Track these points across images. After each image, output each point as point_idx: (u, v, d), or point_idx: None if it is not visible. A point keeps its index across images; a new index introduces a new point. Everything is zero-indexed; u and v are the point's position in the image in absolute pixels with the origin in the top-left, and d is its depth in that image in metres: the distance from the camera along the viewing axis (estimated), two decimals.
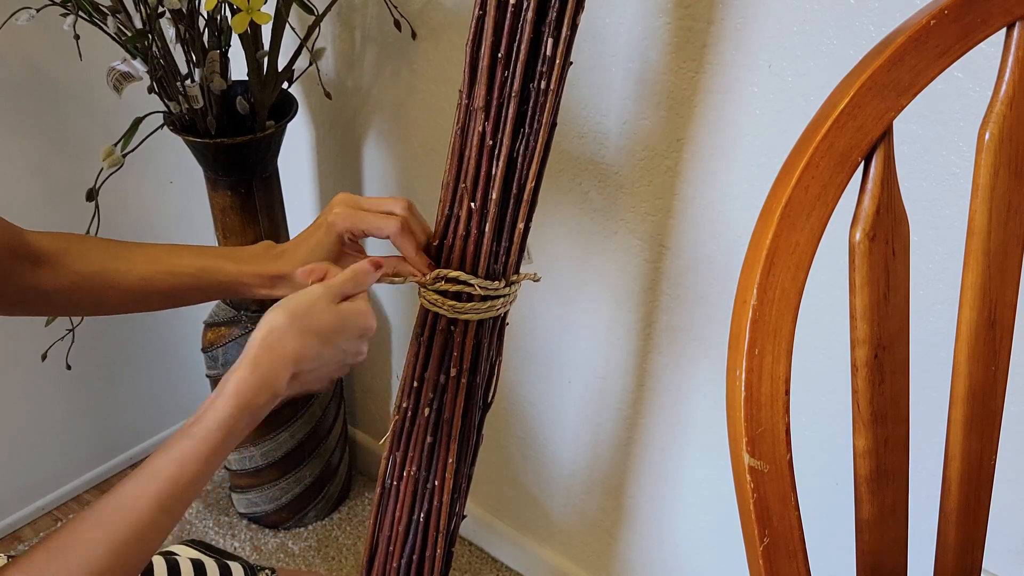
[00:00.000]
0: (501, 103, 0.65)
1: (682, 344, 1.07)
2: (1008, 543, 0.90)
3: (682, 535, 1.21)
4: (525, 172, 0.67)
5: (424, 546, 0.77)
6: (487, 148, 0.66)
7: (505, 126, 0.65)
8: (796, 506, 0.50)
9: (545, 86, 0.64)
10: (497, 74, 0.64)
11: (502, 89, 0.65)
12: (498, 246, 0.69)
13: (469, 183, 0.67)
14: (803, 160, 0.47)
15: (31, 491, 1.51)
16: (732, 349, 0.48)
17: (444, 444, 0.75)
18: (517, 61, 0.63)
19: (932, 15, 0.47)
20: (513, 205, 0.69)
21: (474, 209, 0.68)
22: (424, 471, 0.76)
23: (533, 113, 0.65)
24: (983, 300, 0.55)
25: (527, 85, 0.65)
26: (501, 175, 0.66)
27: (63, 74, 1.28)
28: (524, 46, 0.63)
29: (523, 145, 0.66)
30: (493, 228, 0.68)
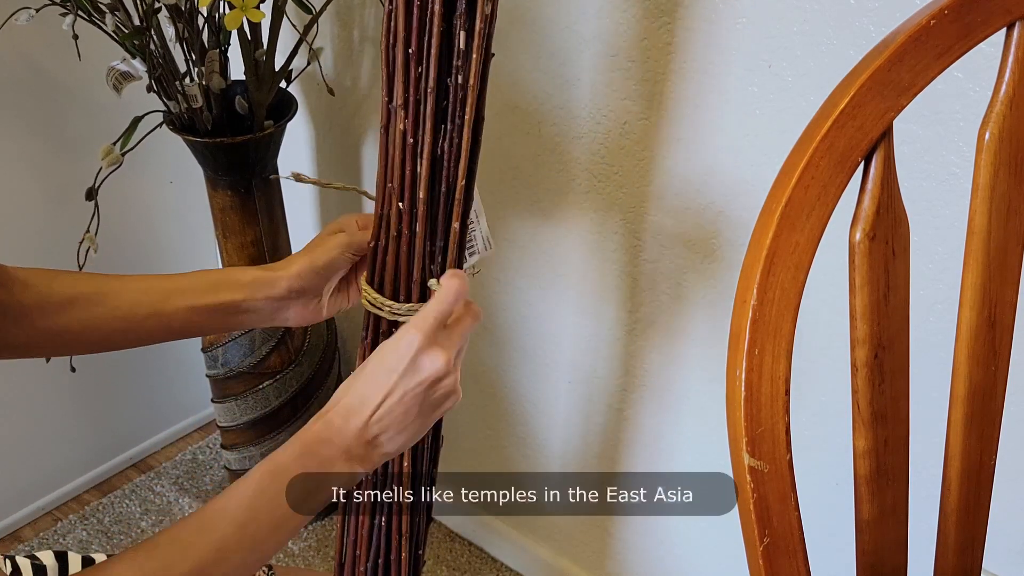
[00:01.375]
0: (418, 100, 0.63)
1: (682, 344, 1.07)
2: (1008, 543, 0.90)
3: (681, 534, 1.21)
4: (453, 170, 0.66)
5: (388, 550, 0.77)
6: (409, 146, 0.65)
7: (425, 123, 0.64)
8: (796, 506, 0.50)
9: (463, 80, 0.63)
10: (411, 70, 0.63)
11: (418, 85, 0.63)
12: (432, 246, 0.68)
13: (395, 183, 0.66)
14: (803, 160, 0.47)
15: (31, 491, 1.51)
16: (732, 349, 0.48)
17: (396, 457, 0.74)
18: (429, 56, 0.62)
19: (932, 15, 0.47)
20: (444, 204, 0.67)
21: (402, 209, 0.67)
22: (380, 476, 0.75)
23: (454, 109, 0.64)
24: (983, 300, 0.55)
25: (443, 80, 0.63)
26: (426, 173, 0.65)
27: (63, 74, 1.28)
28: (435, 40, 0.61)
29: (447, 142, 0.65)
30: (424, 228, 0.67)
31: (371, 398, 0.61)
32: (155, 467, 1.63)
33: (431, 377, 0.63)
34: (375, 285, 0.71)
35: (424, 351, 0.62)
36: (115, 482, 1.60)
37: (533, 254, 1.16)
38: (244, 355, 1.31)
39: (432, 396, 0.64)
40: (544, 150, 1.07)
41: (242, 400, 1.34)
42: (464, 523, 1.47)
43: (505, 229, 1.17)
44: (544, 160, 1.08)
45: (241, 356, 1.31)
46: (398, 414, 0.62)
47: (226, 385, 1.34)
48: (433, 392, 0.64)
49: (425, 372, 0.62)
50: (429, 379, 0.63)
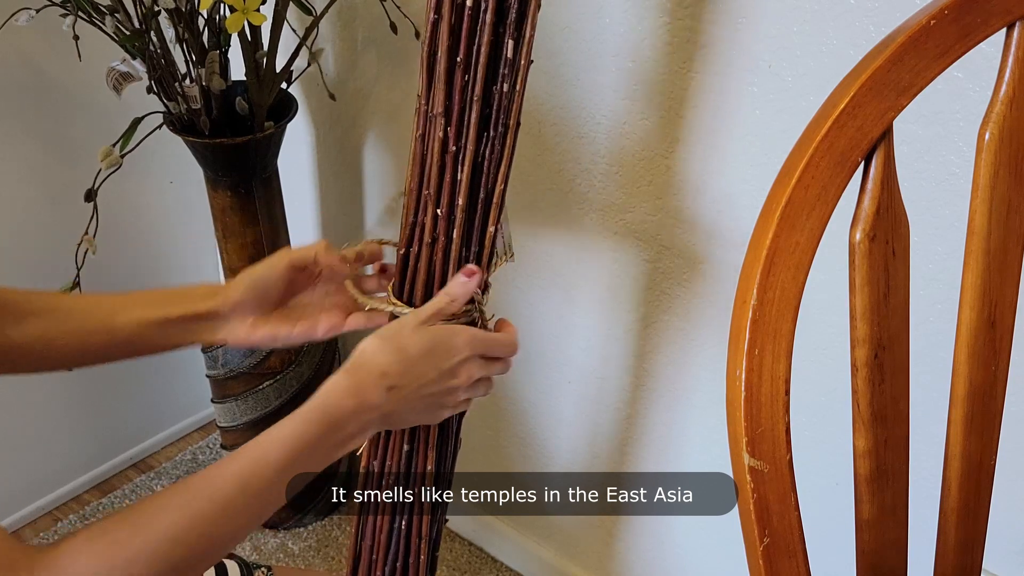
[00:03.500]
0: (463, 108, 0.64)
1: (682, 344, 1.07)
2: (1008, 543, 0.90)
3: (681, 535, 1.21)
4: (493, 176, 0.66)
5: (408, 553, 0.77)
6: (449, 154, 0.65)
7: (468, 131, 0.64)
8: (796, 506, 0.50)
9: (508, 88, 0.63)
10: (456, 79, 0.63)
11: (463, 94, 0.63)
12: (467, 251, 0.69)
13: (433, 190, 0.66)
14: (803, 160, 0.47)
15: (31, 491, 1.51)
16: (732, 349, 0.48)
17: (422, 452, 0.74)
18: (478, 65, 0.62)
19: (932, 15, 0.47)
20: (482, 209, 0.68)
21: (440, 216, 0.67)
22: (403, 480, 0.75)
23: (497, 116, 0.64)
24: (983, 300, 0.55)
25: (489, 88, 0.64)
26: (467, 180, 0.65)
27: (63, 75, 1.28)
28: (484, 49, 0.62)
29: (488, 149, 0.65)
30: (461, 234, 0.67)
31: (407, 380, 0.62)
32: (155, 467, 1.63)
33: (458, 384, 0.65)
34: (404, 293, 0.71)
35: (467, 363, 0.65)
36: (115, 482, 1.60)
37: (533, 254, 1.16)
38: (244, 355, 1.31)
39: (438, 403, 0.66)
40: (544, 150, 1.07)
41: (242, 400, 1.34)
42: (464, 523, 1.48)
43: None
44: (544, 160, 1.08)
45: (241, 356, 1.31)
46: (417, 403, 0.64)
47: (226, 385, 1.34)
48: (448, 398, 0.66)
49: (456, 378, 0.65)
50: (455, 386, 0.65)
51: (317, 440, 0.59)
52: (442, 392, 0.65)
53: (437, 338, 0.64)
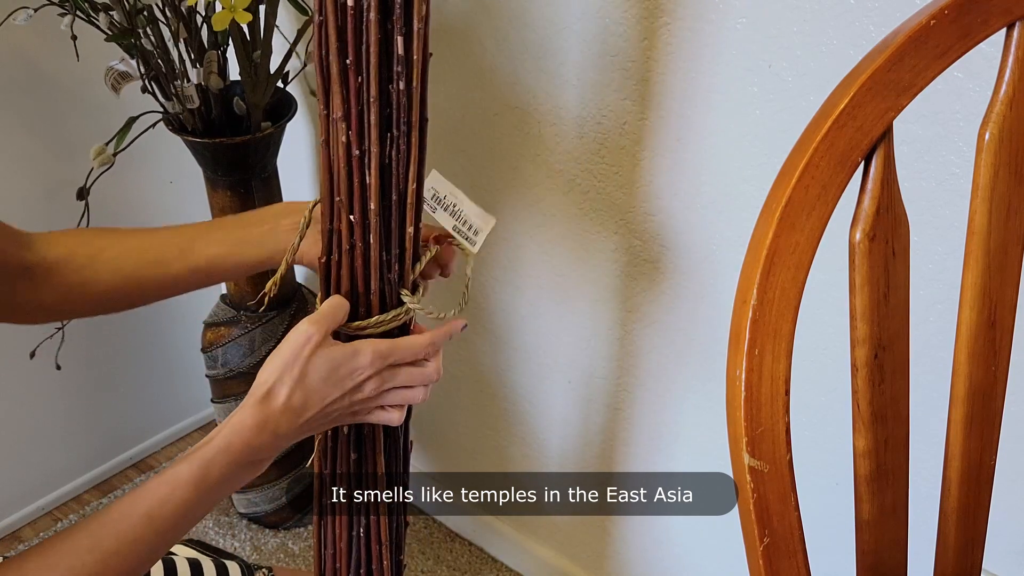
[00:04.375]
0: (361, 110, 0.62)
1: (682, 344, 1.07)
2: (1008, 543, 0.90)
3: (681, 535, 1.21)
4: (403, 176, 0.65)
5: (370, 559, 0.77)
6: (355, 158, 0.63)
7: (370, 133, 0.63)
8: (796, 506, 0.50)
9: (405, 86, 0.62)
10: (351, 81, 0.61)
11: (359, 96, 0.62)
12: (388, 255, 0.67)
13: (344, 195, 0.65)
14: (803, 160, 0.47)
15: (31, 491, 1.51)
16: (732, 349, 0.48)
17: (370, 458, 0.74)
18: (369, 65, 0.61)
19: (932, 15, 0.47)
20: (397, 211, 0.66)
21: (354, 221, 0.65)
22: (355, 486, 0.75)
23: (398, 115, 0.63)
24: (983, 300, 0.55)
25: (386, 88, 0.62)
26: (375, 184, 0.64)
27: (61, 74, 1.28)
28: (373, 48, 0.60)
29: (394, 149, 0.64)
30: (378, 238, 0.66)
31: (311, 405, 0.63)
32: (155, 467, 1.63)
33: (368, 397, 0.65)
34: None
35: (375, 377, 0.65)
36: (115, 482, 1.60)
37: (533, 254, 1.16)
38: (244, 355, 1.31)
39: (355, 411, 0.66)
40: (544, 150, 1.07)
41: (242, 400, 1.34)
42: (464, 523, 1.48)
43: (505, 229, 1.17)
44: (544, 160, 1.08)
45: (241, 356, 1.31)
46: (326, 419, 0.65)
47: (226, 385, 1.34)
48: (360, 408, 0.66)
49: (363, 394, 0.65)
50: (366, 399, 0.65)
51: (226, 476, 0.61)
52: (351, 405, 0.65)
53: (336, 361, 0.63)
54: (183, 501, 0.59)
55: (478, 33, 1.06)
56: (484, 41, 1.06)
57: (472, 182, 1.17)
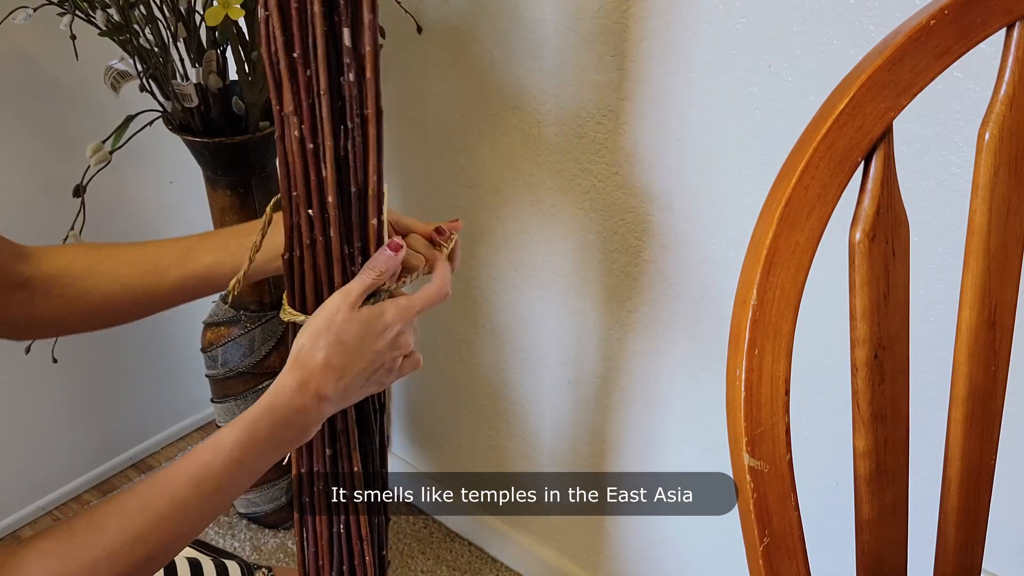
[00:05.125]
0: (312, 104, 0.62)
1: (682, 344, 1.07)
2: (1008, 543, 0.90)
3: (681, 535, 1.21)
4: (362, 168, 0.64)
5: (351, 556, 0.76)
6: (309, 152, 0.63)
7: (323, 127, 0.62)
8: (796, 506, 0.50)
9: (356, 77, 0.61)
10: (299, 75, 0.61)
11: (308, 89, 0.61)
12: (350, 248, 0.66)
13: (300, 190, 0.64)
14: (803, 160, 0.47)
15: (31, 491, 1.51)
16: (732, 349, 0.48)
17: (345, 455, 0.73)
18: (317, 58, 0.60)
19: (932, 15, 0.47)
20: (358, 203, 0.65)
21: (313, 216, 0.65)
22: (332, 483, 0.75)
23: (351, 107, 0.62)
24: (983, 300, 0.55)
25: (336, 80, 0.61)
26: (332, 176, 0.63)
27: (61, 73, 1.28)
28: (320, 40, 0.59)
29: (349, 142, 0.63)
30: (338, 232, 0.65)
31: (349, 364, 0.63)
32: (155, 467, 1.63)
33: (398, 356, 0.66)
34: (296, 299, 0.69)
35: (403, 334, 0.66)
36: (115, 482, 1.60)
37: (533, 254, 1.16)
38: (244, 355, 1.31)
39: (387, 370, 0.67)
40: (544, 150, 1.07)
41: (242, 400, 1.34)
42: (464, 523, 1.47)
43: (505, 229, 1.17)
44: (544, 160, 1.08)
45: (241, 356, 1.31)
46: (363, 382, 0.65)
47: (226, 385, 1.34)
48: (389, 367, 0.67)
49: (398, 351, 0.66)
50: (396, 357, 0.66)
51: (270, 439, 0.61)
52: (385, 364, 0.66)
53: (366, 322, 0.64)
54: (228, 463, 0.59)
55: (478, 33, 1.06)
56: (484, 41, 1.06)
57: (472, 182, 1.17)
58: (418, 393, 1.44)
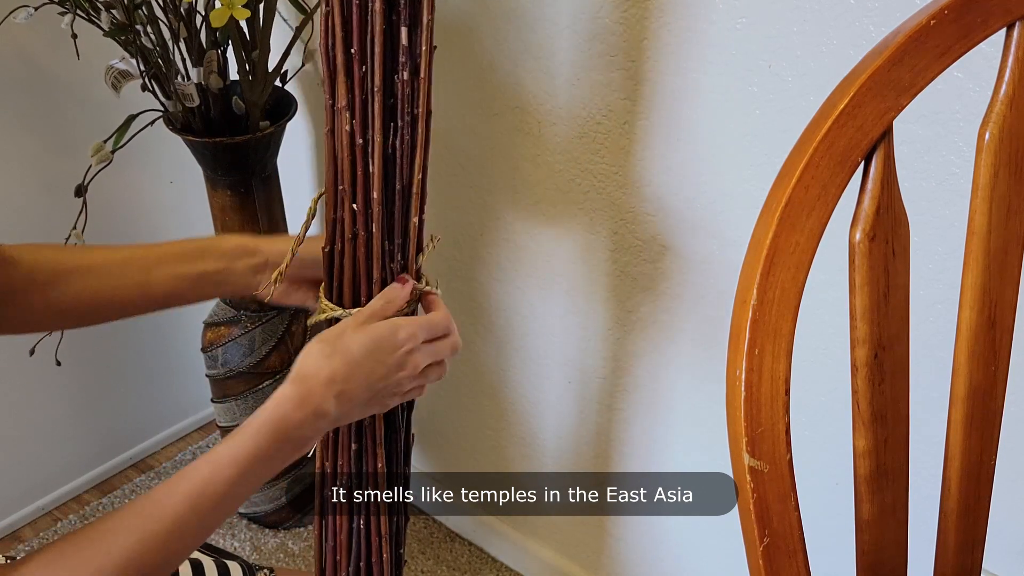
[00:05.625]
0: (365, 99, 0.63)
1: (682, 344, 1.07)
2: (1008, 543, 0.90)
3: (681, 535, 1.21)
4: (408, 166, 0.65)
5: (370, 552, 0.76)
6: (358, 147, 0.64)
7: (374, 122, 0.63)
8: (796, 506, 0.50)
9: (410, 76, 0.62)
10: (355, 70, 0.62)
11: (363, 85, 0.62)
12: (390, 244, 0.67)
13: (347, 184, 0.65)
14: (803, 160, 0.47)
15: (31, 491, 1.51)
16: (732, 349, 0.48)
17: (370, 450, 0.73)
18: (373, 55, 0.61)
19: (932, 15, 0.47)
20: (401, 201, 0.66)
21: (357, 210, 0.66)
22: (355, 478, 0.75)
23: (402, 105, 0.63)
24: (983, 300, 0.55)
25: (390, 78, 0.63)
26: (379, 172, 0.64)
27: (62, 72, 1.28)
28: (378, 38, 0.61)
29: (398, 139, 0.64)
30: (380, 227, 0.66)
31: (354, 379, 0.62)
32: (155, 467, 1.63)
33: (406, 375, 0.65)
34: (333, 292, 0.70)
35: (415, 352, 0.65)
36: (115, 482, 1.60)
37: (534, 254, 1.16)
38: (244, 355, 1.31)
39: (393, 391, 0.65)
40: (544, 150, 1.07)
41: (242, 400, 1.34)
42: (464, 523, 1.48)
43: (505, 229, 1.17)
44: (544, 160, 1.08)
45: (241, 356, 1.31)
46: (367, 400, 0.64)
47: (226, 385, 1.34)
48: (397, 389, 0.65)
49: (405, 367, 0.65)
50: (404, 376, 0.65)
51: (268, 454, 0.60)
52: (391, 385, 0.65)
53: (379, 334, 0.64)
54: (225, 480, 0.58)
55: (478, 33, 1.06)
56: (484, 41, 1.06)
57: (472, 182, 1.17)
58: None
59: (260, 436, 0.59)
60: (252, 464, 0.59)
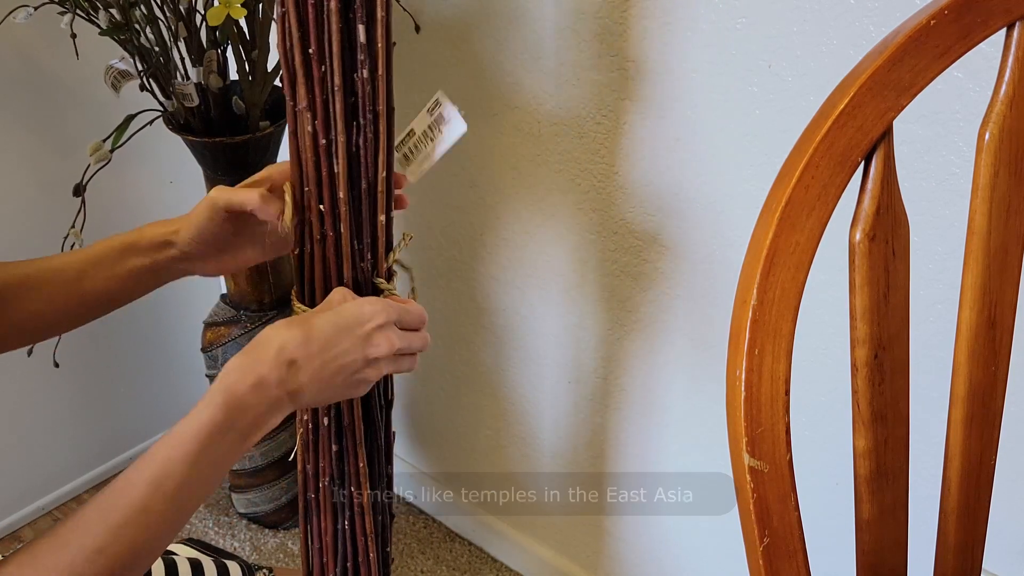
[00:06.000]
0: (326, 99, 0.62)
1: (682, 344, 1.07)
2: (1008, 543, 0.90)
3: (681, 534, 1.21)
4: (372, 164, 0.65)
5: (356, 552, 0.76)
6: (322, 147, 0.64)
7: (336, 122, 0.63)
8: (796, 506, 0.50)
9: (369, 74, 0.62)
10: (314, 71, 0.62)
11: (323, 85, 0.62)
12: (359, 243, 0.67)
13: (312, 186, 0.65)
14: (803, 160, 0.47)
15: (31, 491, 1.51)
16: (732, 349, 0.48)
17: (351, 451, 0.73)
18: (332, 54, 0.61)
19: (932, 15, 0.47)
20: (367, 199, 0.66)
21: (324, 211, 0.65)
22: (338, 479, 0.74)
23: (363, 104, 0.63)
24: (983, 300, 0.55)
25: (350, 76, 0.62)
26: (343, 172, 0.64)
27: (61, 72, 1.28)
28: (335, 37, 0.60)
29: (361, 138, 0.64)
30: (348, 227, 0.66)
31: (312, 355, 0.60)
32: None
33: (375, 355, 0.62)
34: (305, 294, 0.69)
35: (383, 329, 0.62)
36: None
37: (533, 254, 1.16)
38: None
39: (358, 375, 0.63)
40: (544, 150, 1.07)
41: None
42: (464, 523, 1.47)
43: (505, 229, 1.17)
44: (544, 160, 1.08)
45: None
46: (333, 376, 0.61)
47: None
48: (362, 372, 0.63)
49: (372, 346, 0.62)
50: (372, 356, 0.62)
51: (222, 427, 0.57)
52: (360, 362, 0.62)
53: (346, 310, 0.62)
54: (185, 457, 0.56)
55: (478, 33, 1.06)
56: (484, 41, 1.06)
57: (472, 182, 1.17)
58: (418, 393, 1.44)
59: (212, 407, 0.57)
60: (210, 437, 0.57)
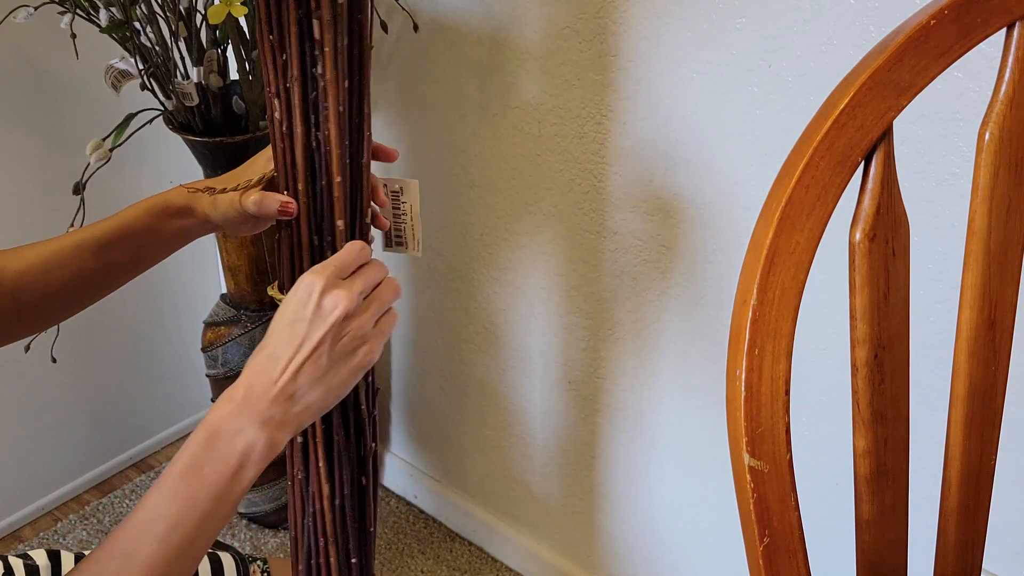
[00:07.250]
0: (287, 88, 0.62)
1: (682, 345, 1.07)
2: (1008, 543, 0.90)
3: (680, 534, 1.21)
4: (326, 163, 0.63)
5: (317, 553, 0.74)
6: (283, 136, 0.63)
7: (294, 112, 0.62)
8: (796, 506, 0.50)
9: (321, 71, 0.61)
10: (276, 58, 0.61)
11: (284, 74, 0.61)
12: (320, 241, 0.66)
13: (280, 171, 0.65)
14: (803, 160, 0.47)
15: (31, 491, 1.51)
16: (732, 349, 0.48)
17: (312, 446, 0.71)
18: (290, 44, 0.60)
19: (932, 15, 0.47)
20: (326, 199, 0.65)
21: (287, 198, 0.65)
22: (302, 472, 0.73)
23: (318, 100, 0.62)
24: (983, 300, 0.55)
25: (308, 70, 0.61)
26: (302, 164, 0.63)
27: (61, 72, 1.28)
28: (293, 28, 0.59)
29: (321, 134, 0.63)
30: (307, 221, 0.65)
31: (281, 354, 0.58)
32: (155, 467, 1.63)
33: (337, 317, 0.59)
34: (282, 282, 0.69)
35: (326, 292, 0.59)
36: (115, 482, 1.60)
37: (533, 254, 1.16)
38: (244, 355, 1.31)
39: (342, 340, 0.60)
40: (544, 150, 1.07)
41: None
42: (464, 523, 1.47)
43: (505, 229, 1.17)
44: (544, 160, 1.08)
45: (241, 356, 1.31)
46: (311, 363, 0.59)
47: (226, 385, 1.34)
48: (341, 334, 0.60)
49: (328, 312, 0.59)
50: (336, 319, 0.59)
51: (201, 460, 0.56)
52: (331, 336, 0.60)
53: (286, 303, 0.60)
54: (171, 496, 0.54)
55: (478, 33, 1.06)
56: (484, 41, 1.06)
57: (472, 182, 1.17)
58: (418, 393, 1.45)
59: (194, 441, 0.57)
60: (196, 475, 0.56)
